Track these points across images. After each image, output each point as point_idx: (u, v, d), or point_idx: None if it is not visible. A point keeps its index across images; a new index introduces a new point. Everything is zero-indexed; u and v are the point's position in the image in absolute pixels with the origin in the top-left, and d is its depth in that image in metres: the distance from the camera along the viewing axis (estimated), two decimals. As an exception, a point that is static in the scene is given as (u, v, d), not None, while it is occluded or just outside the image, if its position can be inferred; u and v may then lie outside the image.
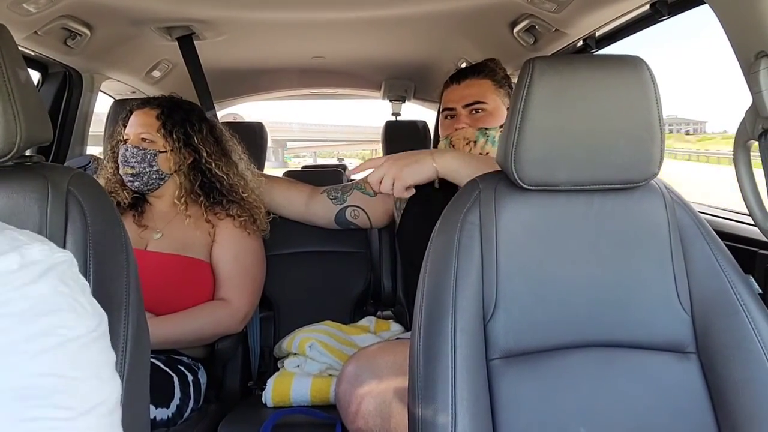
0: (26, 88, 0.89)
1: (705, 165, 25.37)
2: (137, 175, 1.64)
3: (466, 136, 1.56)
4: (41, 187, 0.92)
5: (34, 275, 0.56)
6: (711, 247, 1.03)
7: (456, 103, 1.61)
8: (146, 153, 1.64)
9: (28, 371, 0.51)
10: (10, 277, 0.55)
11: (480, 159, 1.44)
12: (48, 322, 0.54)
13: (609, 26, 1.67)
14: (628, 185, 1.03)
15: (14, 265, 0.55)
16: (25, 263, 0.56)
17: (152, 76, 2.51)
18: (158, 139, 1.66)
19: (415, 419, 0.94)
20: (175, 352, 1.60)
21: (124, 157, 1.64)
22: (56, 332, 0.54)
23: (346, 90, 3.62)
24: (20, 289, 0.54)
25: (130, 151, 1.63)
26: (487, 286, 0.99)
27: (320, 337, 1.73)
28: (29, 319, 0.53)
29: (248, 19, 1.96)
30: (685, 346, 1.01)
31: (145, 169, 1.64)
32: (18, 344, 0.52)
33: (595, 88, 0.98)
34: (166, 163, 1.66)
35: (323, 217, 1.85)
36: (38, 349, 0.52)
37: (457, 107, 1.60)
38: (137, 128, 1.66)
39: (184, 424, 1.49)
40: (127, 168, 1.64)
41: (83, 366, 0.55)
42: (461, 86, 1.62)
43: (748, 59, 1.03)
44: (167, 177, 1.67)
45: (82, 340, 0.55)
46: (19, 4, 1.49)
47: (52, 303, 0.55)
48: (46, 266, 0.57)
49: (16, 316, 0.53)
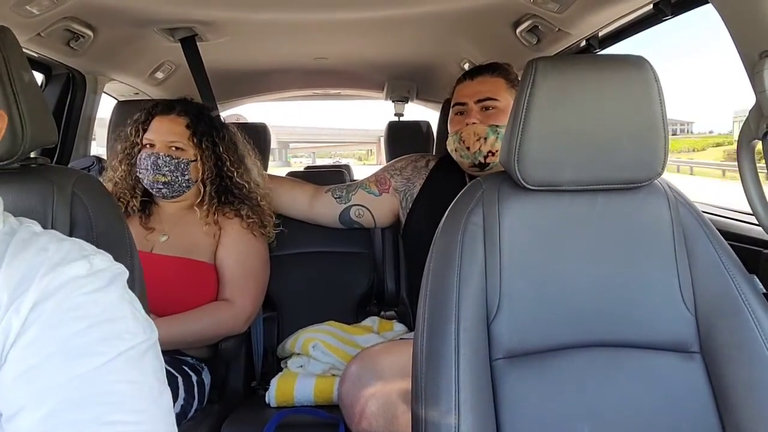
0: (30, 90, 0.89)
1: (695, 179, 19.16)
2: (168, 183, 1.63)
3: (477, 132, 1.55)
4: (46, 189, 0.92)
5: (102, 282, 0.59)
6: (715, 246, 1.02)
7: (468, 98, 1.60)
8: (180, 162, 1.63)
9: (104, 378, 0.54)
10: (81, 281, 0.58)
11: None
12: (117, 328, 0.57)
13: (612, 26, 1.67)
14: (632, 185, 1.03)
15: (83, 271, 0.58)
16: (93, 271, 0.59)
17: (155, 78, 2.51)
18: (189, 148, 1.65)
19: (419, 420, 0.94)
20: (179, 352, 1.60)
21: (155, 165, 1.62)
22: (123, 337, 0.57)
23: (348, 91, 3.62)
24: (91, 295, 0.57)
25: (163, 159, 1.62)
26: (491, 286, 0.99)
27: (323, 337, 1.73)
28: (101, 323, 0.56)
29: (251, 21, 1.96)
30: (688, 345, 1.00)
31: (177, 178, 1.63)
32: (91, 346, 0.55)
33: (599, 89, 0.98)
34: (195, 171, 1.66)
35: (327, 216, 1.85)
36: (111, 353, 0.55)
37: (468, 102, 1.60)
38: (167, 136, 1.64)
39: (188, 423, 1.49)
40: (158, 176, 1.62)
41: (147, 370, 0.58)
42: (474, 82, 1.62)
43: (752, 59, 1.02)
44: (193, 185, 1.68)
45: (143, 346, 0.58)
46: (22, 5, 1.50)
47: (119, 310, 0.59)
48: (111, 275, 0.60)
49: (89, 319, 0.56)
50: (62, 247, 0.61)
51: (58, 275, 0.57)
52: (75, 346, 0.54)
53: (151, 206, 1.72)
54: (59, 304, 0.56)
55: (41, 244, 0.61)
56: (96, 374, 0.54)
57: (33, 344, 0.54)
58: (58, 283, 0.57)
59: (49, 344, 0.54)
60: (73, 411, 0.52)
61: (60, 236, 0.64)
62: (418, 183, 1.76)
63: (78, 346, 0.54)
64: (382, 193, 1.80)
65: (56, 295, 0.56)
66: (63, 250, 0.60)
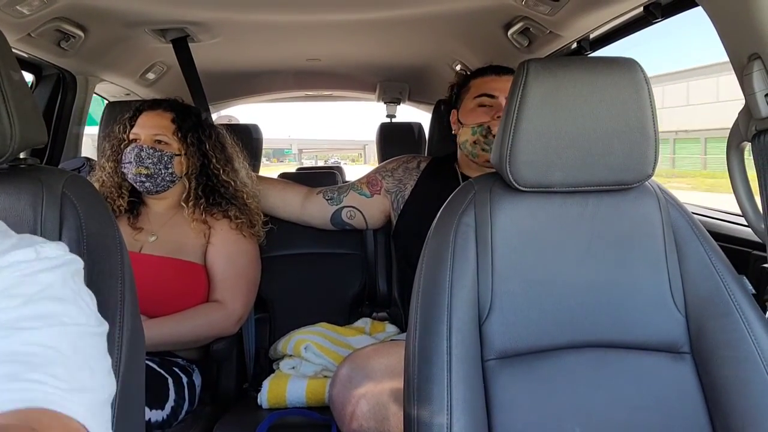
0: (20, 91, 0.89)
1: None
2: (151, 176, 1.63)
3: None
4: (36, 189, 0.91)
5: (47, 266, 0.60)
6: (705, 247, 1.03)
7: (499, 92, 1.60)
8: (163, 155, 1.63)
9: (32, 340, 0.55)
10: (25, 265, 0.59)
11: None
12: (53, 308, 0.58)
13: (603, 28, 1.68)
14: (623, 186, 1.03)
15: (30, 257, 0.60)
16: (41, 257, 0.61)
17: (147, 78, 2.50)
18: (173, 142, 1.65)
19: (411, 420, 0.94)
20: (170, 353, 1.59)
21: (138, 157, 1.61)
22: (59, 318, 0.58)
23: (340, 92, 3.61)
24: (32, 276, 0.59)
25: (146, 151, 1.62)
26: (483, 287, 0.99)
27: (315, 338, 1.73)
28: (36, 301, 0.57)
29: (243, 22, 1.96)
30: (679, 346, 1.01)
31: (160, 170, 1.63)
32: (21, 321, 0.56)
33: (589, 90, 0.99)
34: (179, 166, 1.66)
35: (319, 218, 1.85)
36: (41, 326, 0.56)
37: (500, 96, 1.59)
38: (151, 129, 1.65)
39: (178, 425, 1.48)
40: (141, 168, 1.62)
41: (80, 351, 0.58)
42: (503, 79, 1.62)
43: (741, 61, 1.03)
44: (177, 180, 1.67)
45: (82, 329, 0.59)
46: (12, 5, 1.49)
47: (59, 292, 0.60)
48: (59, 262, 0.62)
49: (24, 297, 0.57)
50: (10, 239, 0.63)
51: (2, 260, 0.59)
52: (3, 320, 0.55)
53: (140, 206, 1.71)
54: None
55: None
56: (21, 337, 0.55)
57: None
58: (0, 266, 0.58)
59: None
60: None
61: (12, 233, 0.66)
62: (410, 184, 1.76)
63: (7, 320, 0.55)
64: (373, 194, 1.81)
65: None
66: (11, 242, 0.62)
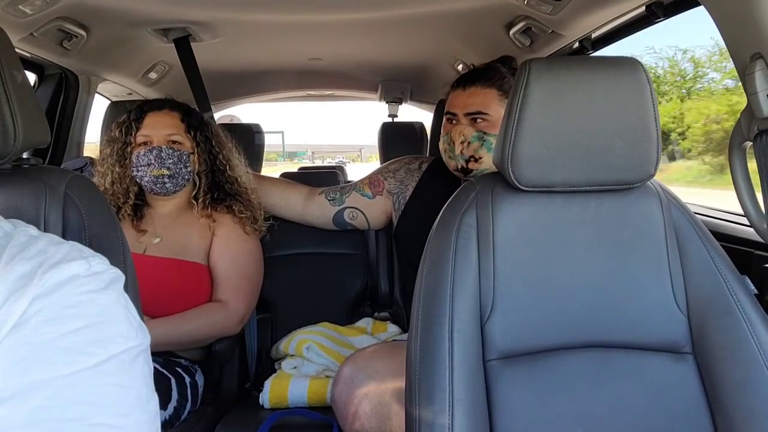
0: (23, 90, 0.89)
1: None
2: (172, 176, 1.63)
3: (464, 133, 1.54)
4: (39, 190, 0.92)
5: (100, 284, 0.59)
6: (707, 247, 1.03)
7: (458, 109, 1.58)
8: (182, 154, 1.63)
9: (95, 380, 0.54)
10: (81, 281, 0.58)
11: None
12: (111, 331, 0.57)
13: (605, 28, 1.68)
14: (625, 186, 1.03)
15: (83, 271, 0.59)
16: (92, 272, 0.59)
17: (149, 78, 2.50)
18: (186, 140, 1.66)
19: (413, 420, 0.94)
20: (172, 354, 1.59)
21: (159, 158, 1.61)
22: (116, 340, 0.57)
23: (342, 92, 3.61)
24: (89, 294, 0.58)
25: (166, 152, 1.61)
26: (484, 287, 0.99)
27: (317, 338, 1.73)
28: (96, 324, 0.57)
29: (245, 21, 1.96)
30: (681, 346, 1.01)
31: (180, 170, 1.63)
32: (86, 346, 0.55)
33: (591, 90, 0.98)
34: (194, 164, 1.68)
35: (321, 218, 1.86)
36: (104, 355, 0.55)
37: (458, 114, 1.58)
38: (164, 129, 1.64)
39: (181, 426, 1.48)
40: (162, 169, 1.61)
41: (136, 375, 0.58)
42: (465, 93, 1.58)
43: (744, 61, 1.03)
44: (191, 178, 1.68)
45: (135, 351, 0.58)
46: (15, 5, 1.49)
47: (114, 313, 0.59)
48: (109, 278, 0.61)
49: (86, 319, 0.56)
50: (61, 248, 0.61)
51: (59, 272, 0.57)
52: (71, 344, 0.55)
53: (143, 208, 1.71)
54: (59, 300, 0.56)
55: (40, 247, 0.61)
56: (87, 374, 0.54)
57: (31, 336, 0.54)
58: (58, 279, 0.57)
59: (46, 338, 0.54)
60: (61, 408, 0.52)
61: (58, 239, 0.65)
62: (411, 185, 1.76)
63: (73, 344, 0.55)
64: (375, 195, 1.81)
65: (57, 292, 0.56)
66: (62, 251, 0.61)
